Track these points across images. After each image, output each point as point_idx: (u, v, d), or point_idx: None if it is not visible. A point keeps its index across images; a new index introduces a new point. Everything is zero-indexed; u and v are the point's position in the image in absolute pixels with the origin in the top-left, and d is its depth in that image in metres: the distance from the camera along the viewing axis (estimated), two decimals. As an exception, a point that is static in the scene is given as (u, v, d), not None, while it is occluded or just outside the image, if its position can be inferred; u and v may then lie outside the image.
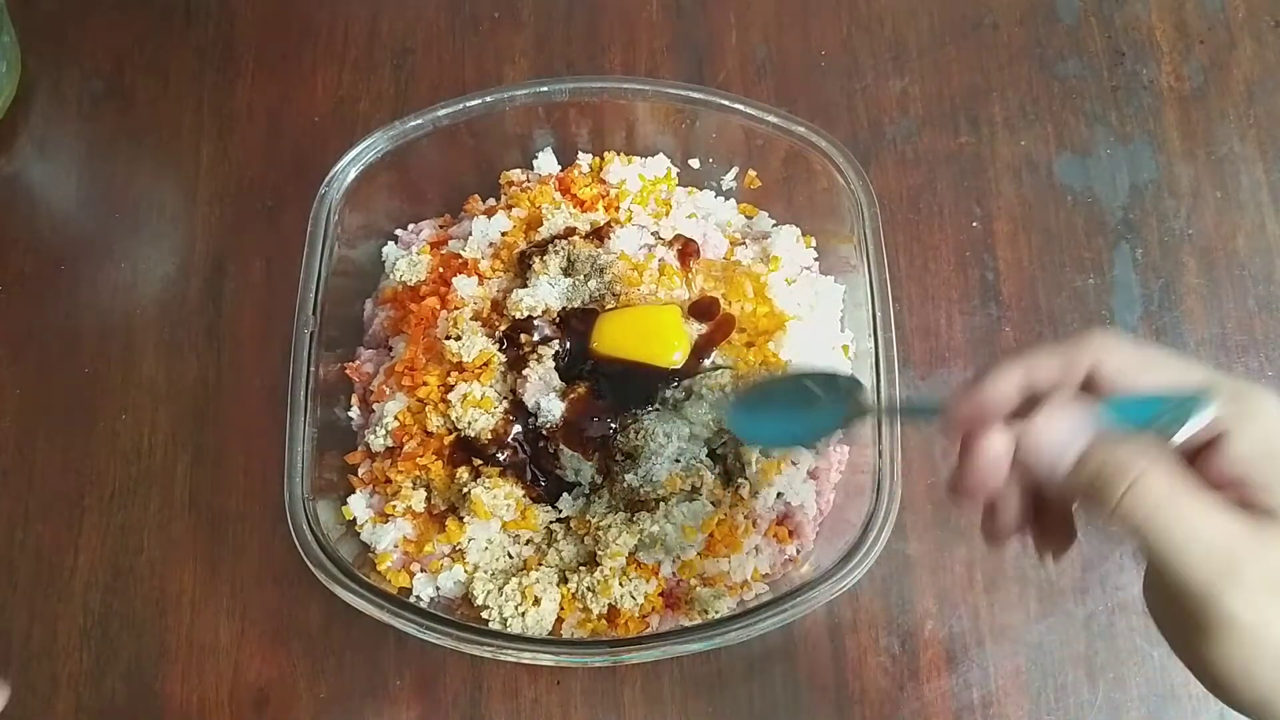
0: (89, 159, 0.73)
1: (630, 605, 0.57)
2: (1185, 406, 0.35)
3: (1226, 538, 0.34)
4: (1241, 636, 0.33)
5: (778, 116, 0.63)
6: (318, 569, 0.55)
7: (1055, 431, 0.36)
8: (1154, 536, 0.34)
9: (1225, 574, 0.33)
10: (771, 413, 0.52)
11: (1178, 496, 0.34)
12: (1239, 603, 0.33)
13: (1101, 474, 0.35)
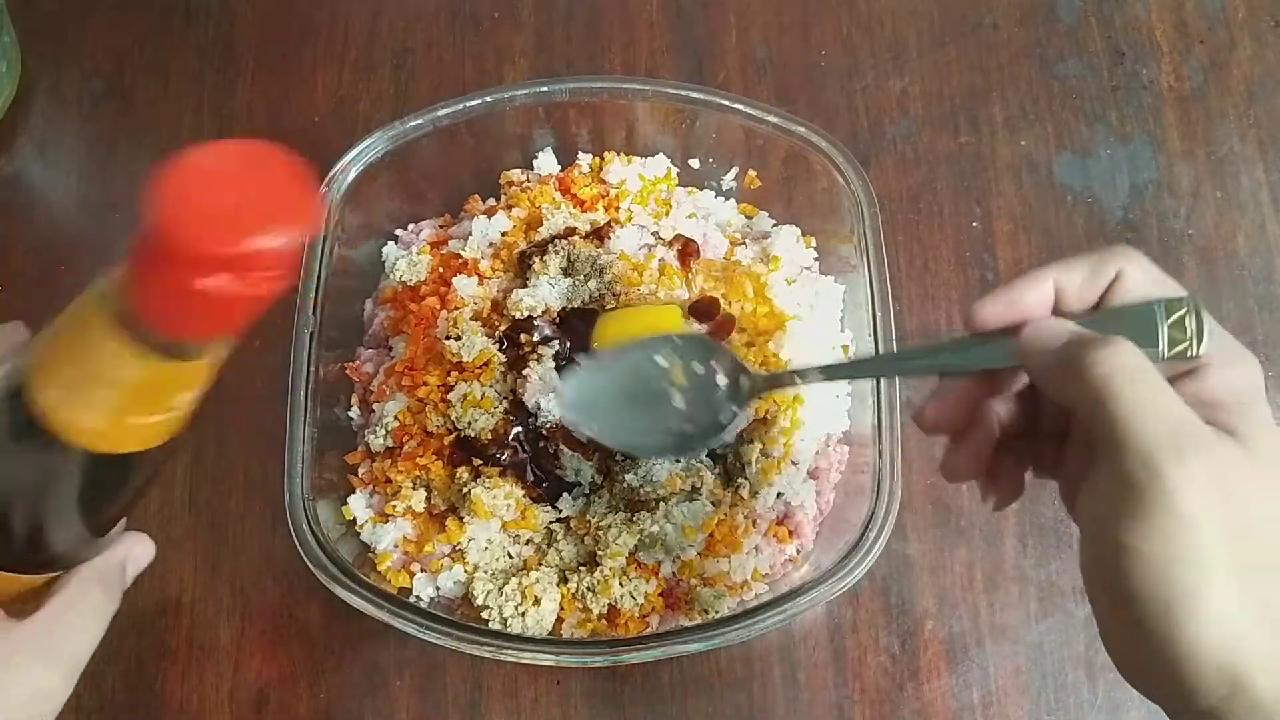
0: (89, 159, 0.73)
1: (630, 605, 0.57)
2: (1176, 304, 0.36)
3: (1183, 418, 0.34)
4: (1171, 520, 0.32)
5: (778, 116, 0.63)
6: (318, 569, 0.55)
7: (1054, 324, 0.38)
8: (1111, 397, 0.33)
9: (1173, 447, 0.33)
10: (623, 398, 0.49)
11: (1144, 372, 0.34)
12: (1180, 479, 0.32)
13: (1079, 341, 0.36)
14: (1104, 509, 0.34)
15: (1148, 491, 0.32)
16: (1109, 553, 0.34)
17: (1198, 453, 0.33)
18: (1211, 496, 0.32)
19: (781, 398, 0.60)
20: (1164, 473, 0.32)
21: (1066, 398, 0.36)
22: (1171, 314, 0.36)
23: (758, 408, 0.60)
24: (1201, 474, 0.32)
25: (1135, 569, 0.33)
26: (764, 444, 0.60)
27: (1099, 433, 0.34)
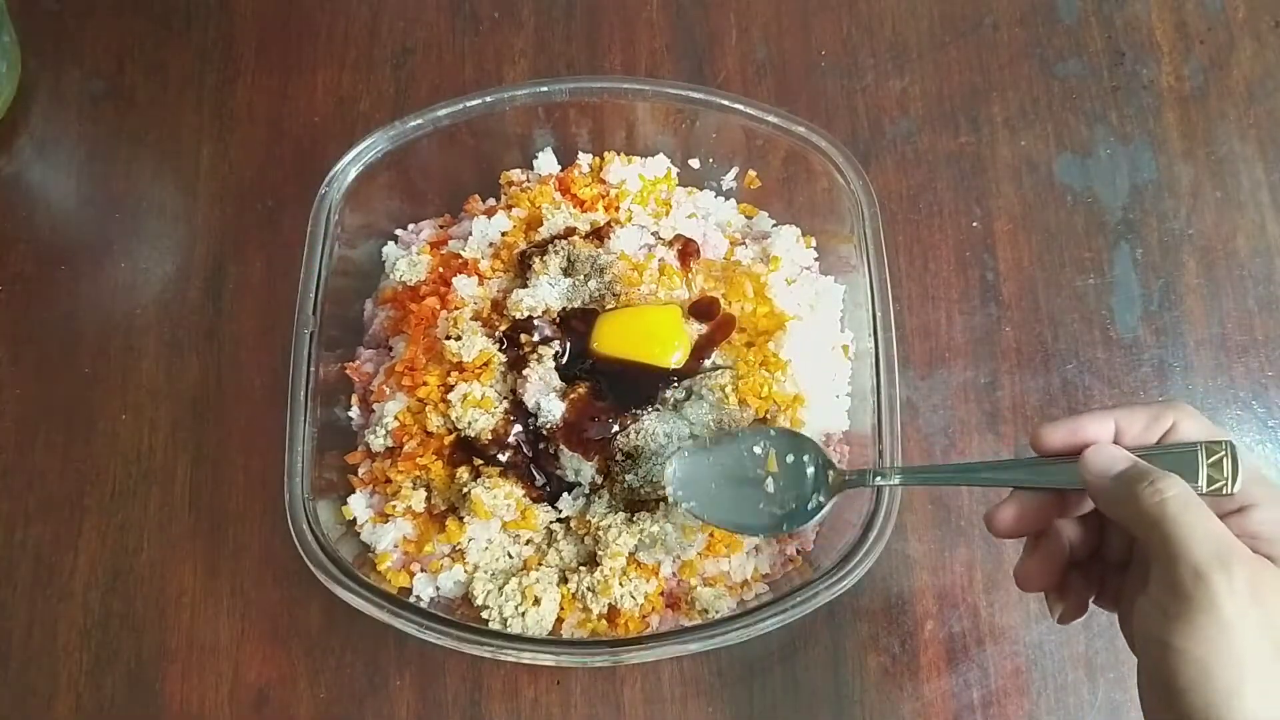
0: (89, 159, 0.73)
1: (630, 605, 0.57)
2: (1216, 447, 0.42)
3: (1227, 539, 0.39)
4: (1216, 622, 0.37)
5: (778, 116, 0.63)
6: (318, 569, 0.55)
7: (1113, 450, 0.43)
8: (1166, 519, 0.39)
9: (1218, 560, 0.37)
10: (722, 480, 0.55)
11: (1194, 501, 0.39)
12: (1223, 585, 0.37)
13: (1135, 474, 0.41)
14: (1155, 615, 0.39)
15: (1195, 598, 0.37)
16: (1158, 655, 0.38)
17: (1241, 567, 0.38)
18: (1252, 605, 0.37)
19: (781, 397, 0.60)
20: (1210, 580, 0.37)
21: (1124, 519, 0.42)
22: (1211, 455, 0.42)
23: (758, 408, 0.60)
24: (1243, 585, 0.37)
25: (1181, 668, 0.37)
26: (764, 444, 0.60)
27: (1153, 550, 0.39)
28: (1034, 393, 0.67)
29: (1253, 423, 0.67)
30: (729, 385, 0.59)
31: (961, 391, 0.67)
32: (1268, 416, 0.67)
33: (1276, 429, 0.67)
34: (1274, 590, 0.38)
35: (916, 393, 0.67)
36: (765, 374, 0.60)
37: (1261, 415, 0.67)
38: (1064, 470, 0.45)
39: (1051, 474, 0.46)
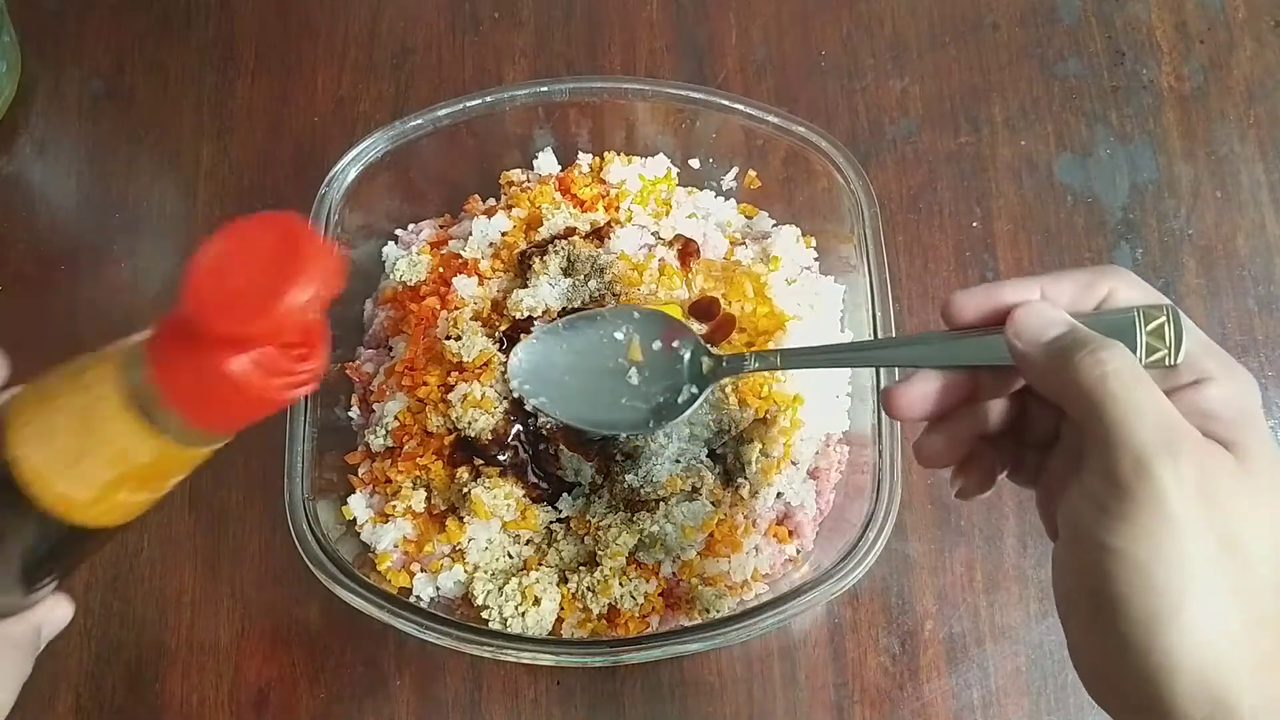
0: (89, 159, 0.73)
1: (630, 605, 0.57)
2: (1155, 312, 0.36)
3: (1176, 423, 0.33)
4: (1161, 522, 0.32)
5: (778, 116, 0.63)
6: (318, 569, 0.55)
7: (1047, 311, 0.37)
8: (1107, 397, 0.33)
9: (1166, 448, 0.32)
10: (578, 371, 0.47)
11: (1141, 376, 0.34)
12: (1171, 479, 0.32)
13: (1072, 341, 0.35)
14: (1089, 510, 0.33)
15: (1137, 491, 0.32)
16: (1091, 556, 0.33)
17: (1191, 456, 0.32)
18: (1202, 501, 0.32)
19: (781, 397, 0.60)
20: (1155, 472, 0.32)
21: (1057, 394, 0.36)
22: (1150, 321, 0.36)
23: (758, 408, 0.60)
24: (1193, 477, 0.32)
25: (1118, 572, 0.32)
26: (764, 444, 0.60)
27: (1091, 433, 0.34)
28: (1034, 393, 0.67)
29: (1253, 423, 0.67)
30: (729, 385, 0.59)
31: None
32: (1267, 416, 0.67)
33: (1276, 429, 0.67)
34: (1227, 485, 0.33)
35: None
36: (765, 374, 0.60)
37: (1261, 415, 0.67)
38: (981, 345, 0.38)
39: (965, 350, 0.39)
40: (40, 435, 0.33)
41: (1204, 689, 0.31)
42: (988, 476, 0.41)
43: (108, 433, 0.32)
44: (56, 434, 0.32)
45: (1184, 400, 0.35)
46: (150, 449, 0.32)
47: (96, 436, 0.32)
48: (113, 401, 0.32)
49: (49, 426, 0.33)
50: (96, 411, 0.32)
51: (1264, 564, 0.33)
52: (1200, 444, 0.33)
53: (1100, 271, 0.38)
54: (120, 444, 0.32)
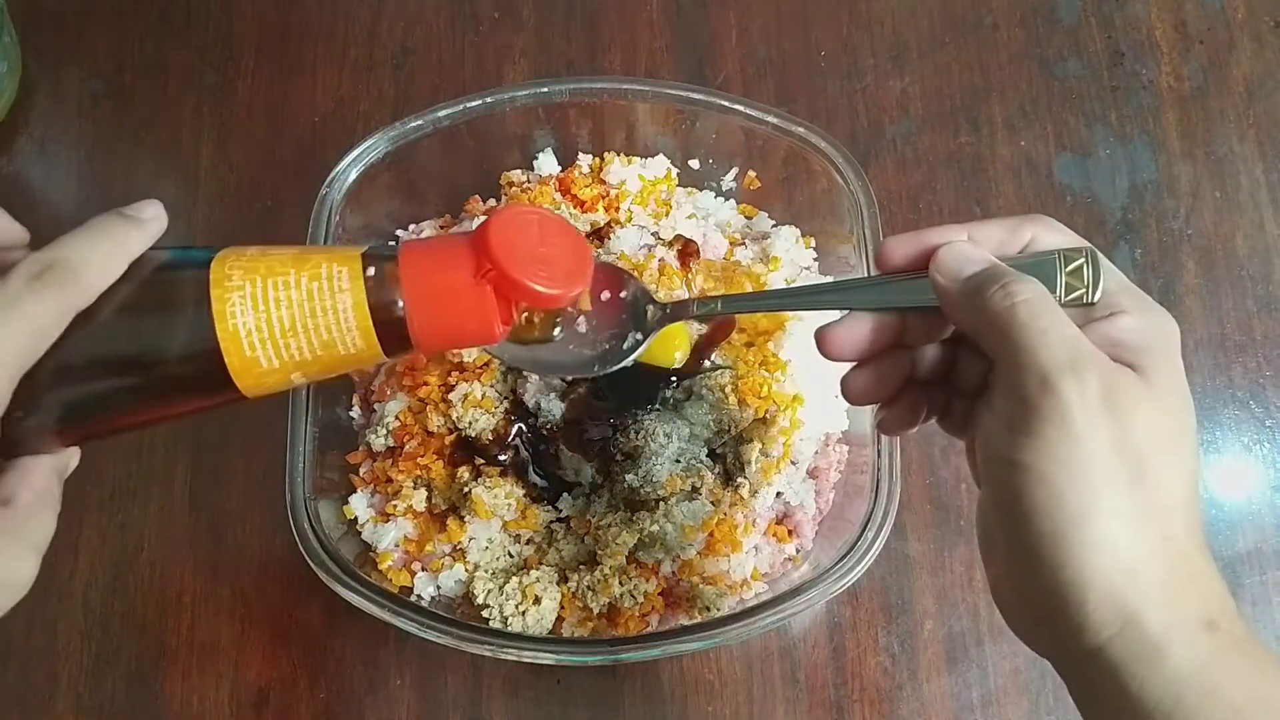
0: (89, 159, 0.73)
1: (630, 604, 0.58)
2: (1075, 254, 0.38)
3: (1081, 344, 0.34)
4: (1066, 435, 0.33)
5: (777, 117, 0.63)
6: (319, 568, 0.55)
7: (968, 250, 0.38)
8: (1015, 323, 0.34)
9: (1070, 366, 0.33)
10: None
11: (1049, 306, 0.35)
12: (1074, 393, 0.33)
13: (987, 275, 0.37)
14: (999, 431, 0.35)
15: (1043, 406, 0.33)
16: (1003, 475, 0.34)
17: (1093, 372, 0.33)
18: (1106, 414, 0.33)
19: (781, 397, 0.60)
20: (1059, 388, 0.33)
21: (972, 327, 0.37)
22: (1070, 263, 0.38)
23: (757, 408, 0.60)
24: (1096, 393, 0.33)
25: (1027, 487, 0.33)
26: (764, 444, 0.60)
27: (1000, 358, 0.35)
28: (1033, 392, 0.67)
29: (1250, 422, 0.67)
30: (729, 385, 0.59)
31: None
32: (1265, 416, 0.67)
33: (1274, 429, 0.67)
34: (1130, 400, 0.33)
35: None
36: (765, 374, 0.60)
37: (1259, 415, 0.67)
38: (909, 287, 0.40)
39: (893, 292, 0.40)
40: (257, 304, 0.35)
41: (1113, 603, 0.32)
42: (912, 414, 0.42)
43: (330, 321, 0.35)
44: (278, 308, 0.34)
45: (1095, 330, 0.36)
46: (364, 348, 0.35)
47: (317, 320, 0.35)
48: (350, 299, 0.35)
49: (270, 300, 0.35)
50: (328, 301, 0.35)
51: (1169, 483, 0.33)
52: (1106, 364, 0.34)
53: (1025, 219, 0.39)
54: (335, 334, 0.35)
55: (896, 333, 0.41)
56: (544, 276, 0.35)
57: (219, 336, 0.34)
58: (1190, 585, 0.33)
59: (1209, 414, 0.67)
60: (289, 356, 0.35)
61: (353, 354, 0.35)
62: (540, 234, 0.36)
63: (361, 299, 0.35)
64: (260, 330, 0.34)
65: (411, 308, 0.35)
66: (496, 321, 0.36)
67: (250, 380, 0.35)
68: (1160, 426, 0.34)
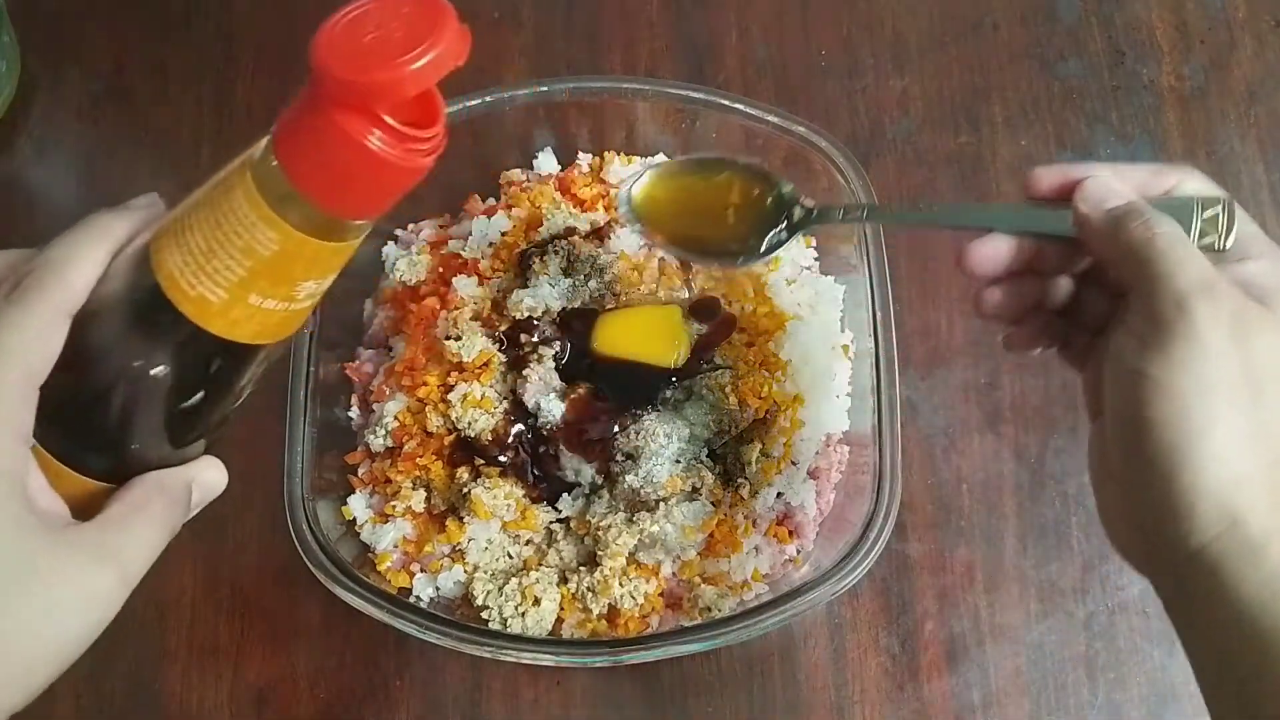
0: (89, 159, 0.73)
1: (630, 605, 0.57)
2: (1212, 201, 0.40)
3: (1215, 275, 0.37)
4: (1197, 351, 0.35)
5: (778, 116, 0.63)
6: (317, 569, 0.55)
7: (1113, 183, 0.41)
8: (1153, 252, 0.37)
9: (1204, 291, 0.35)
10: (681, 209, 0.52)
11: (1184, 239, 0.38)
12: (1207, 314, 0.35)
13: (1129, 209, 0.39)
14: (1131, 344, 0.37)
15: (1176, 325, 0.35)
16: (1129, 384, 0.36)
17: (1228, 299, 0.36)
18: (1234, 339, 0.35)
19: (781, 397, 0.60)
20: (1193, 308, 0.35)
21: (1110, 255, 0.40)
22: (1206, 209, 0.40)
23: (758, 408, 0.60)
24: (1228, 316, 0.35)
25: (1154, 399, 0.35)
26: (764, 444, 0.60)
27: (1137, 283, 0.37)
28: (1034, 393, 0.67)
29: (1253, 423, 0.67)
30: (729, 385, 0.59)
31: (961, 391, 0.67)
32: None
33: (1277, 429, 0.67)
34: (1258, 328, 0.35)
35: (916, 393, 0.67)
36: (765, 374, 0.60)
37: (1262, 415, 0.67)
38: (1052, 215, 0.42)
39: (1040, 219, 0.42)
40: (177, 237, 0.33)
41: (1220, 509, 0.34)
42: (1036, 337, 0.45)
43: (235, 224, 0.32)
44: (192, 232, 0.33)
45: (1227, 271, 0.38)
46: (276, 238, 0.32)
47: (225, 229, 0.32)
48: (239, 190, 0.32)
49: (185, 226, 0.33)
50: (225, 203, 0.32)
51: None
52: (1237, 294, 0.36)
53: (1170, 166, 0.42)
54: (247, 235, 0.32)
55: (1033, 257, 0.43)
56: (377, 62, 0.30)
57: (164, 288, 0.33)
58: None
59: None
60: (226, 280, 0.33)
61: (278, 250, 0.33)
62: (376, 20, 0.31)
63: (249, 185, 0.32)
64: (189, 263, 0.33)
65: (291, 170, 0.32)
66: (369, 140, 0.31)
67: (219, 322, 0.33)
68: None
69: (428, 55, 0.30)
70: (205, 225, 0.33)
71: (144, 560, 0.37)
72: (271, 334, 0.35)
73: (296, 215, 0.32)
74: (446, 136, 0.34)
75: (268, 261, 0.33)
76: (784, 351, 0.61)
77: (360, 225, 0.35)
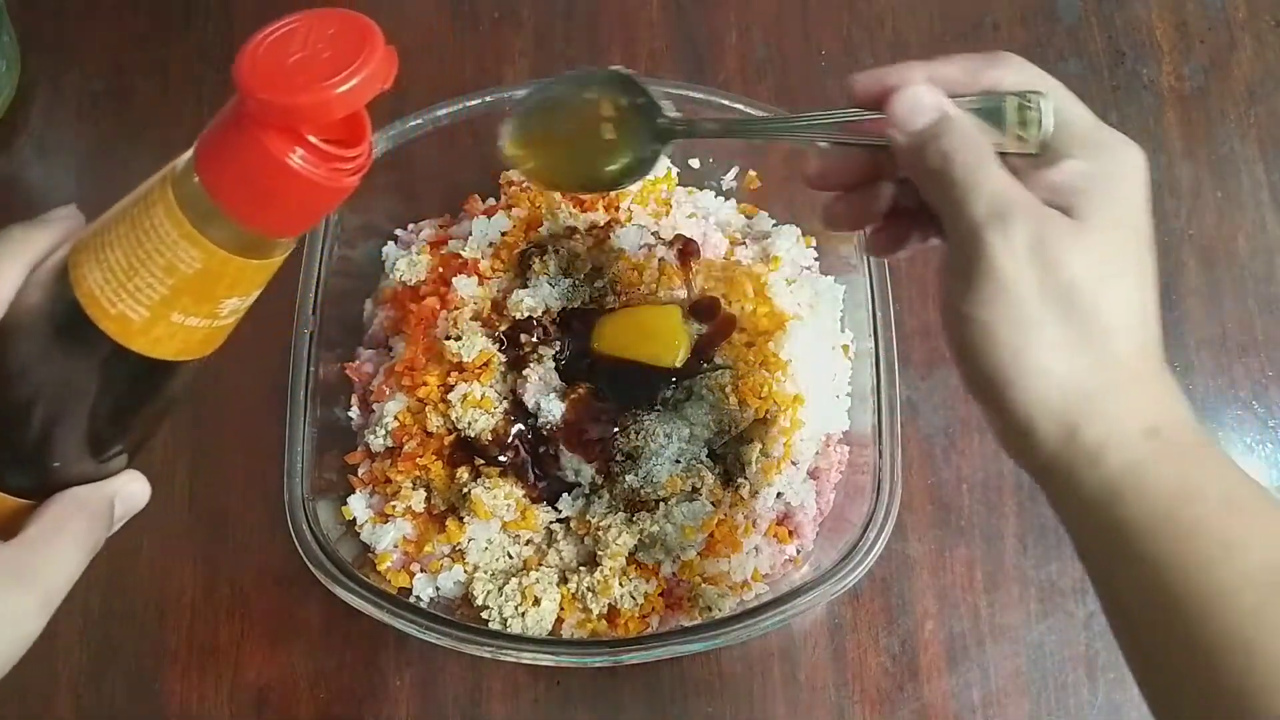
0: (89, 159, 0.73)
1: (630, 605, 0.57)
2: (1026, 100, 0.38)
3: (1009, 195, 0.36)
4: (994, 284, 0.35)
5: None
6: (317, 569, 0.55)
7: (920, 96, 0.38)
8: (947, 180, 0.36)
9: (996, 218, 0.35)
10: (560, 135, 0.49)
11: (980, 157, 0.37)
12: (999, 243, 0.35)
13: (930, 132, 0.38)
14: (948, 281, 0.37)
15: (976, 261, 0.36)
16: (952, 323, 0.37)
17: (1019, 221, 0.35)
18: (1031, 261, 0.35)
19: (781, 397, 0.60)
20: (985, 240, 0.35)
21: (915, 178, 0.39)
22: (1021, 109, 0.38)
23: (758, 408, 0.60)
24: (1022, 241, 0.35)
25: (973, 336, 0.36)
26: (764, 444, 0.60)
27: (940, 210, 0.37)
28: (1034, 393, 0.67)
29: (1253, 423, 0.67)
30: (729, 385, 0.59)
31: (961, 391, 0.66)
32: (1268, 416, 0.67)
33: (1277, 429, 0.67)
34: (1058, 242, 0.35)
35: (916, 393, 0.67)
36: (765, 374, 0.60)
37: (1262, 415, 0.67)
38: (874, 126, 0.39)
39: (859, 131, 0.40)
40: (97, 254, 0.33)
41: (1055, 422, 0.36)
42: (895, 240, 0.45)
43: (157, 241, 0.32)
44: (112, 249, 0.32)
45: (1036, 177, 0.37)
46: (198, 255, 0.32)
47: (146, 247, 0.32)
48: (161, 207, 0.32)
49: (105, 243, 0.33)
50: (146, 220, 0.32)
51: (1108, 310, 0.36)
52: (1034, 209, 0.36)
53: (991, 58, 0.40)
54: (169, 253, 0.32)
55: (872, 167, 0.42)
56: (303, 84, 0.29)
57: (84, 305, 0.32)
58: (1135, 398, 0.36)
59: (1211, 415, 0.67)
60: (148, 298, 0.32)
61: (201, 268, 0.32)
62: (303, 40, 0.31)
63: (171, 202, 0.31)
64: (110, 281, 0.32)
65: (213, 188, 0.31)
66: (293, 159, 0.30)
67: (141, 340, 0.33)
68: (1092, 261, 0.36)
69: (354, 79, 0.30)
70: (126, 242, 0.32)
71: (66, 580, 0.36)
72: (194, 351, 0.35)
73: (219, 233, 0.32)
74: (371, 156, 0.34)
75: (190, 279, 0.32)
76: (784, 351, 0.61)
77: (285, 242, 0.34)
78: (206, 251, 0.32)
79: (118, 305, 0.32)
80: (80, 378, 0.34)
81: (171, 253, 0.32)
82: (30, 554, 0.35)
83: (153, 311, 0.33)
